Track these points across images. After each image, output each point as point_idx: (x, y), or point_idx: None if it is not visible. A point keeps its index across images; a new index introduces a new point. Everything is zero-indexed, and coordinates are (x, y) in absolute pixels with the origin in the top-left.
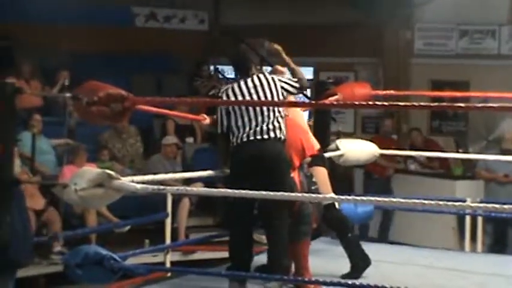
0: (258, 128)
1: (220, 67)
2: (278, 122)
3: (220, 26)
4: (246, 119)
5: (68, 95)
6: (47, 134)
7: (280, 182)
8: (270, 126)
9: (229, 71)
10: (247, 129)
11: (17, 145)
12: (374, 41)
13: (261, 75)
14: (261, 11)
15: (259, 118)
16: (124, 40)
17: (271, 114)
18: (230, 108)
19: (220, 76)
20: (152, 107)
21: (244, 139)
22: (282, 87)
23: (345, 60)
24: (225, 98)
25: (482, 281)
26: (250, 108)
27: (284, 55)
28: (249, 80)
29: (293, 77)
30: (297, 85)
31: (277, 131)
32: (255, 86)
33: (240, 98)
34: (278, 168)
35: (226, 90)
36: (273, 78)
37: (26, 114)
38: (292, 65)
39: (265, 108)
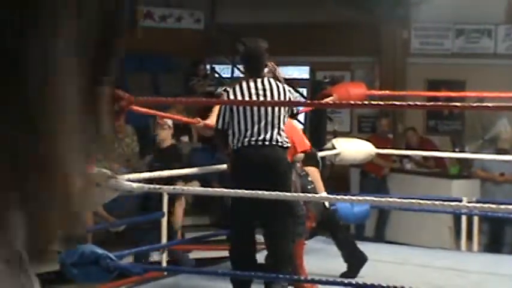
0: (261, 135)
1: (216, 66)
2: (282, 130)
3: (216, 25)
4: (248, 120)
5: None
6: None
7: (282, 188)
8: (274, 137)
9: (224, 71)
10: (248, 132)
11: None
12: (370, 40)
13: (272, 80)
14: (256, 10)
15: (262, 123)
16: None
17: (276, 121)
18: (234, 106)
19: (216, 75)
20: (148, 108)
21: (245, 143)
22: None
23: (341, 59)
24: (231, 95)
25: (478, 280)
26: (255, 111)
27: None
28: (259, 81)
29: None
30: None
31: (279, 138)
32: (264, 89)
33: (246, 98)
34: (279, 173)
35: (234, 87)
36: (284, 87)
37: None
38: None
39: (269, 114)
